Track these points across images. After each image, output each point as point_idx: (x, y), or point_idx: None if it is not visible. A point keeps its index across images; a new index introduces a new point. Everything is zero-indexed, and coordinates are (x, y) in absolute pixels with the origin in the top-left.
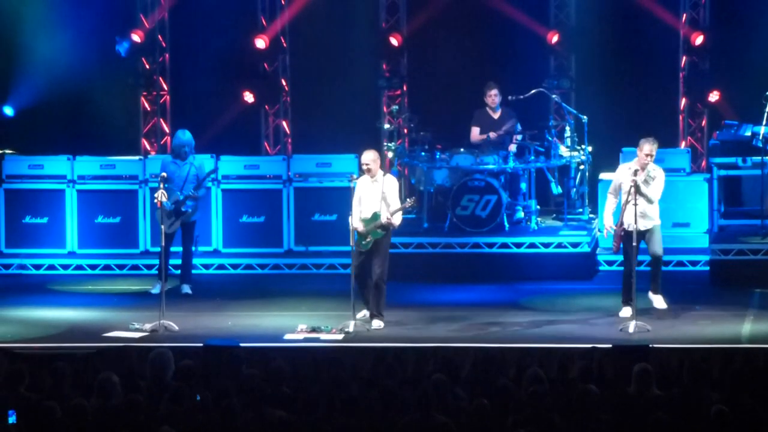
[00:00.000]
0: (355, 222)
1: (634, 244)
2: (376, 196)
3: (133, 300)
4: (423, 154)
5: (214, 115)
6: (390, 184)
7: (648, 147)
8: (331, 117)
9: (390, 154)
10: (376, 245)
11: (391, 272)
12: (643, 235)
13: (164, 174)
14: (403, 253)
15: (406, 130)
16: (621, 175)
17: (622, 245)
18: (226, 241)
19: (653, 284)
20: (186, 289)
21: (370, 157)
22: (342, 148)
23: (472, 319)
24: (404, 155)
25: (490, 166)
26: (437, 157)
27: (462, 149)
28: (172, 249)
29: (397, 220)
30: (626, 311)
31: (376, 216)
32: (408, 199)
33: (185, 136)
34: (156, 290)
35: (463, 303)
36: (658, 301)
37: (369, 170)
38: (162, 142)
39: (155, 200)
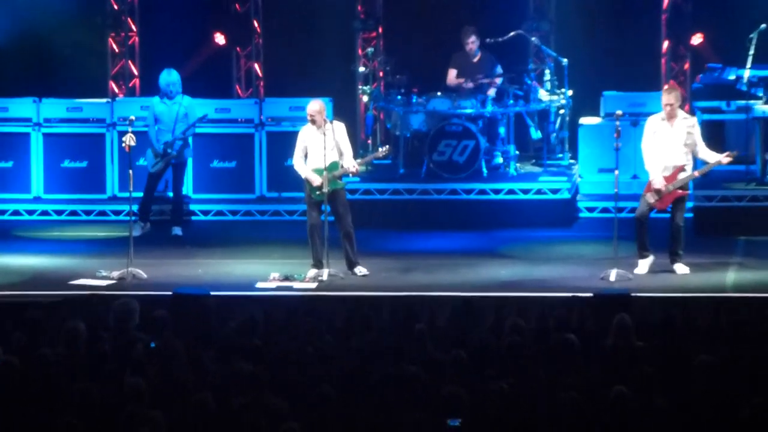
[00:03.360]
0: (308, 173)
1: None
2: (328, 145)
3: (101, 247)
4: (399, 97)
5: (184, 58)
6: (340, 131)
7: (664, 97)
8: (304, 60)
9: (365, 98)
10: (335, 195)
11: (365, 219)
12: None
13: (132, 117)
14: (379, 199)
15: (381, 73)
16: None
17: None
18: (196, 186)
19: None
20: (177, 230)
21: (314, 108)
22: (316, 91)
23: (449, 268)
24: (379, 99)
25: (468, 111)
26: (413, 101)
27: (439, 93)
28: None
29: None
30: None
31: (334, 165)
32: (381, 148)
33: (171, 76)
34: (137, 232)
35: (440, 251)
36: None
37: (314, 121)
38: (130, 85)
39: (123, 144)
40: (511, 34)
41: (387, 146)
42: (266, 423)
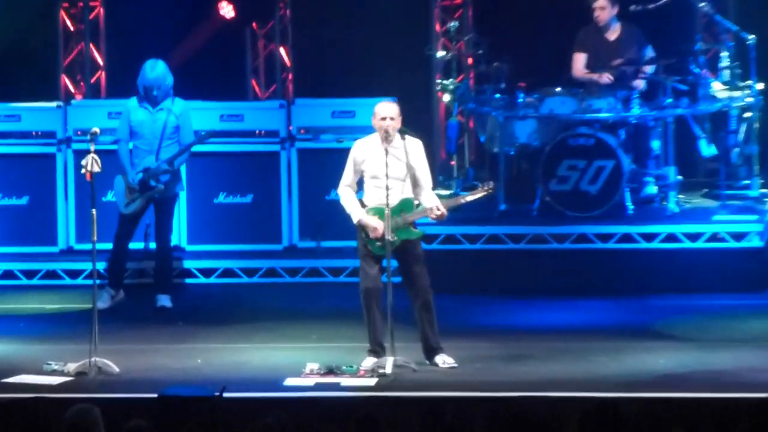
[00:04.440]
0: (362, 214)
1: None
2: (397, 172)
3: (50, 326)
4: (497, 96)
5: (174, 41)
6: (417, 153)
7: None
8: (353, 42)
9: (446, 98)
10: (406, 247)
11: (449, 281)
12: None
13: (96, 129)
14: (469, 250)
15: (470, 60)
16: None
17: None
18: (193, 233)
19: None
20: (164, 300)
21: (392, 110)
22: (372, 89)
23: (578, 354)
24: (468, 99)
25: (604, 115)
26: (520, 101)
27: (558, 89)
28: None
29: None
30: None
31: (407, 204)
32: (481, 184)
33: (155, 71)
34: (104, 303)
35: (563, 328)
36: None
37: (388, 130)
38: (93, 80)
39: (83, 170)
40: None
41: (490, 182)
42: None
